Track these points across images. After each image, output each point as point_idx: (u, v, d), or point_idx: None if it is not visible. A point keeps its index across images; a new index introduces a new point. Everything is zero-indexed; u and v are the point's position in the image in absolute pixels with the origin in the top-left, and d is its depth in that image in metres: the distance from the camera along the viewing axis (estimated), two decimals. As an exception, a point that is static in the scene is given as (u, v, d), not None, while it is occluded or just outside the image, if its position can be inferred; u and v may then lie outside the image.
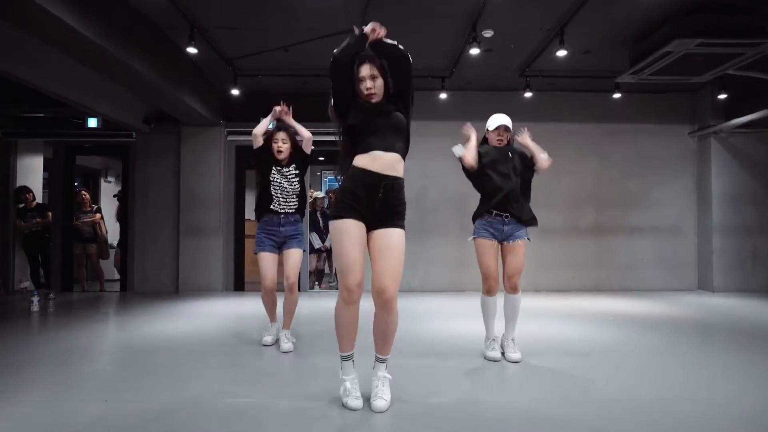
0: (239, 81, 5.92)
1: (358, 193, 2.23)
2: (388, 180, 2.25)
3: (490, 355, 3.19)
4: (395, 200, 2.29)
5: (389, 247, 2.25)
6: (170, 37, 4.89)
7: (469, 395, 2.55)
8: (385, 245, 2.25)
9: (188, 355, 3.32)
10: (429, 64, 5.75)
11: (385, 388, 2.31)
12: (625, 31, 4.72)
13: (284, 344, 3.41)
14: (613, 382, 2.78)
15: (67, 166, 6.93)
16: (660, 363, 3.19)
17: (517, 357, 3.14)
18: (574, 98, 6.76)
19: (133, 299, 6.03)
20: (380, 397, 2.26)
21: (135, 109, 6.24)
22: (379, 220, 2.27)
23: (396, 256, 2.24)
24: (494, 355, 3.17)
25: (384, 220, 2.27)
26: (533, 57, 5.42)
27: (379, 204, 2.25)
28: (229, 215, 6.81)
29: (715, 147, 6.59)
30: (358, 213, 2.24)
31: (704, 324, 4.63)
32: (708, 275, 6.62)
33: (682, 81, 5.18)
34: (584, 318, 4.76)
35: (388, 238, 2.26)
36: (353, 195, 2.24)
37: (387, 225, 2.27)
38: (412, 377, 2.77)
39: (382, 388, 2.30)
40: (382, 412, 2.22)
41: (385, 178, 2.24)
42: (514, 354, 3.15)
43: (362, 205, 2.24)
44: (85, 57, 4.09)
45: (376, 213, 2.26)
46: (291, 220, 3.49)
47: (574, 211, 6.86)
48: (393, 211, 2.29)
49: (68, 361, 3.21)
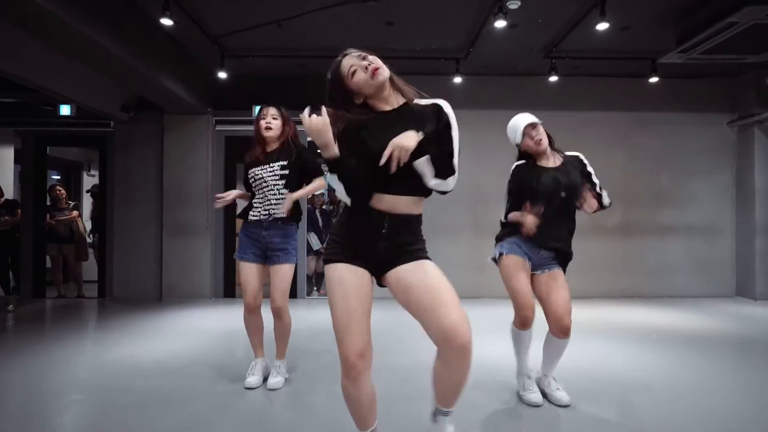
0: (227, 63, 5.24)
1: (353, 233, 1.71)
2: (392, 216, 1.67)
3: (530, 398, 2.54)
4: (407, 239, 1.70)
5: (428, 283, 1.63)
6: (143, 8, 4.21)
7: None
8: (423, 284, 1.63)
9: (165, 389, 2.68)
10: (443, 45, 5.08)
11: None
12: (672, 3, 4.03)
13: (272, 379, 2.77)
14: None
15: (38, 158, 6.26)
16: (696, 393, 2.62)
17: (567, 399, 2.50)
18: (600, 84, 6.11)
19: (111, 309, 5.40)
20: None
21: (111, 96, 5.57)
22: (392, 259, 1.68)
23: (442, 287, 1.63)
24: (536, 399, 2.52)
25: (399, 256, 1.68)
26: (564, 33, 4.73)
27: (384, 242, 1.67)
28: (218, 213, 6.14)
29: (759, 138, 5.94)
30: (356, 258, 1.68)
31: (745, 339, 4.09)
32: (749, 280, 6.00)
33: (736, 60, 4.51)
34: (619, 334, 4.16)
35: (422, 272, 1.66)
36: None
37: (411, 259, 1.67)
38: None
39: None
40: None
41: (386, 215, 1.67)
42: (560, 393, 2.52)
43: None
44: (37, 27, 3.41)
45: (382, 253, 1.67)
46: (278, 224, 2.74)
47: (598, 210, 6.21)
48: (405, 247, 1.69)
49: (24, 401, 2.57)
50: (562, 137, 6.26)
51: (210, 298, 5.96)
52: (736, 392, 2.73)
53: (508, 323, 2.63)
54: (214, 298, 6.00)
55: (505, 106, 5.91)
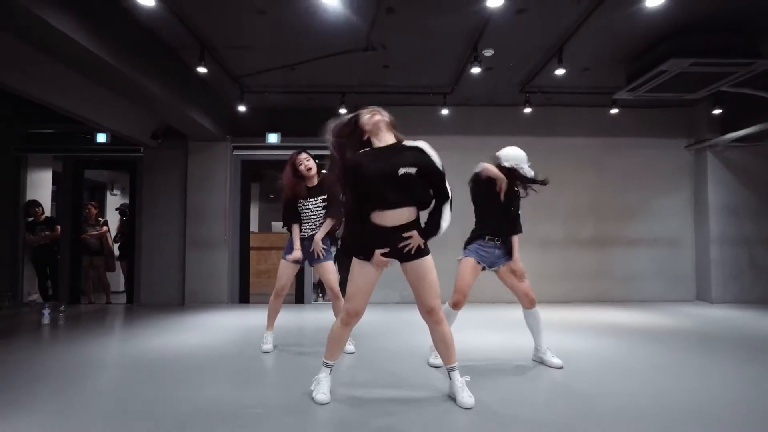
0: (246, 98, 6.06)
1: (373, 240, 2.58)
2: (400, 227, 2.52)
3: (433, 362, 3.37)
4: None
5: (423, 276, 2.54)
6: (181, 57, 5.04)
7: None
8: (420, 274, 2.54)
9: (197, 366, 3.41)
10: (431, 82, 5.90)
11: (465, 388, 2.59)
12: (622, 50, 4.87)
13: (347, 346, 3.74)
14: (614, 392, 2.87)
15: (76, 180, 7.06)
16: (660, 373, 3.27)
17: (559, 363, 3.35)
18: (573, 113, 6.91)
19: (140, 312, 6.12)
20: (465, 394, 2.56)
21: (143, 125, 6.38)
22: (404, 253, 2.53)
23: (432, 280, 2.55)
24: (436, 362, 3.34)
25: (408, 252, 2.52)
26: (533, 74, 5.57)
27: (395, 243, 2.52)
28: (235, 228, 6.92)
29: (712, 160, 6.73)
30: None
31: (703, 335, 4.69)
32: (706, 286, 6.72)
33: (677, 97, 5.31)
34: (586, 330, 4.84)
35: (420, 267, 2.54)
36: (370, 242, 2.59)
37: (415, 256, 2.53)
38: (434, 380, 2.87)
39: (463, 390, 2.58)
40: (471, 407, 2.52)
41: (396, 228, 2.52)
42: (556, 360, 3.38)
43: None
44: (101, 77, 4.22)
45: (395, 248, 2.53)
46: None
47: (574, 223, 6.97)
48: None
49: (80, 373, 3.30)
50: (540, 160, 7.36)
51: (227, 303, 6.70)
52: (695, 378, 3.17)
53: (494, 323, 3.38)
54: (230, 303, 6.73)
55: (489, 132, 6.78)
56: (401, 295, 6.59)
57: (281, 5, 3.99)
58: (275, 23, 4.33)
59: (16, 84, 4.26)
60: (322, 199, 3.71)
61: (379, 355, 3.74)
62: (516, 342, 4.09)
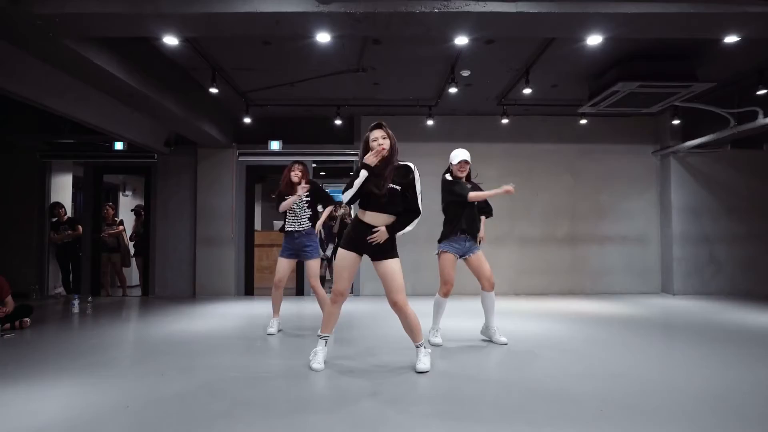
0: (250, 110, 6.72)
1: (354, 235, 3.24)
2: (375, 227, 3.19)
3: (434, 341, 4.00)
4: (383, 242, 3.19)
5: (389, 274, 3.18)
6: (194, 77, 5.70)
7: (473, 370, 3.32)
8: (387, 273, 3.18)
9: (211, 345, 4.09)
10: (417, 96, 6.55)
11: (426, 358, 3.24)
12: (581, 73, 5.52)
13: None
14: (585, 367, 3.53)
15: (96, 184, 7.73)
16: (624, 353, 3.82)
17: (505, 340, 4.03)
18: (548, 122, 7.55)
19: (156, 303, 6.79)
20: (421, 362, 3.20)
21: (157, 135, 7.04)
22: (379, 252, 3.19)
23: (396, 279, 3.17)
24: (437, 341, 4.00)
25: (383, 253, 3.19)
26: (507, 90, 6.22)
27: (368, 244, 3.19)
28: (240, 227, 7.59)
29: (675, 165, 7.37)
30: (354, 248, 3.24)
31: (663, 322, 5.24)
32: (669, 280, 7.38)
33: (635, 111, 5.95)
34: (559, 317, 5.43)
35: (388, 268, 3.18)
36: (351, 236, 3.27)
37: (387, 257, 3.20)
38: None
39: (423, 357, 3.23)
40: (424, 371, 3.18)
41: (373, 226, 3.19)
42: (503, 338, 4.05)
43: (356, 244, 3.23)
44: (127, 98, 4.90)
45: (370, 248, 3.19)
46: (303, 233, 4.44)
47: (550, 223, 7.62)
48: (382, 249, 3.20)
49: (116, 349, 3.99)
50: (519, 165, 8.05)
51: (234, 295, 7.37)
52: (657, 359, 3.65)
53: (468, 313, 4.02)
54: (237, 296, 7.41)
55: (472, 140, 7.44)
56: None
57: (283, 40, 4.64)
58: (278, 51, 4.98)
59: (46, 102, 4.85)
60: (306, 202, 4.47)
61: (366, 334, 4.42)
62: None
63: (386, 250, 3.19)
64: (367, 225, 3.18)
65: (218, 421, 2.41)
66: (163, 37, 3.82)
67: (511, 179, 7.69)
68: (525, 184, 7.55)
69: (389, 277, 3.16)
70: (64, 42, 3.62)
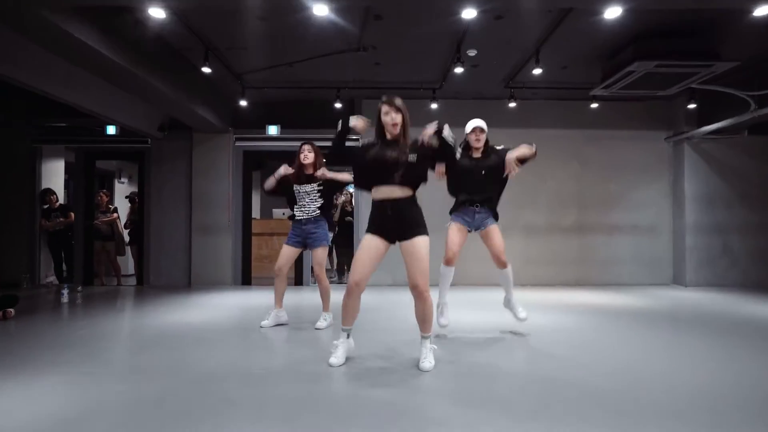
0: (247, 93, 6.44)
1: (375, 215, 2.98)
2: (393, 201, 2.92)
3: (441, 322, 3.78)
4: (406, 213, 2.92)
5: (413, 254, 2.89)
6: (187, 57, 5.43)
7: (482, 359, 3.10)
8: (410, 252, 2.89)
9: (205, 338, 3.87)
10: (420, 78, 6.26)
11: (431, 355, 3.00)
12: (594, 52, 5.22)
13: (319, 323, 4.17)
14: (571, 362, 3.31)
15: (88, 169, 7.49)
16: (635, 346, 3.65)
17: (525, 315, 3.89)
18: (556, 107, 7.26)
19: (150, 292, 6.58)
20: (427, 360, 2.97)
21: (151, 118, 6.78)
22: (400, 233, 2.90)
23: (420, 259, 2.88)
24: (444, 322, 3.79)
25: (404, 232, 2.89)
26: (515, 72, 5.93)
27: (391, 220, 2.92)
28: (237, 214, 7.36)
29: (688, 152, 7.09)
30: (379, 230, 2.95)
31: (674, 314, 5.04)
32: (681, 271, 7.14)
33: (650, 94, 5.67)
34: (566, 309, 5.22)
35: (411, 247, 2.89)
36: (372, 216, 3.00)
37: (408, 236, 2.90)
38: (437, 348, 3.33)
39: (428, 354, 3.00)
40: (428, 371, 2.92)
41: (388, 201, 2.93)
42: (523, 313, 3.90)
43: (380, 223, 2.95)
44: (116, 78, 4.65)
45: (392, 228, 2.92)
46: (312, 220, 4.18)
47: (557, 211, 7.37)
48: (407, 224, 2.92)
49: (104, 341, 3.77)
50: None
51: (231, 285, 7.16)
52: (667, 353, 3.47)
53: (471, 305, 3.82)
54: (234, 285, 7.20)
55: (477, 125, 7.12)
56: (393, 278, 7.04)
57: (280, 14, 4.36)
58: (274, 28, 4.70)
59: (36, 83, 4.64)
60: (318, 184, 4.18)
61: (366, 327, 4.19)
62: (491, 319, 4.54)
63: (413, 226, 2.91)
64: (381, 201, 2.94)
65: (205, 422, 2.20)
66: (147, 8, 3.55)
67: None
68: (531, 172, 7.23)
69: (414, 256, 2.88)
70: (42, 13, 3.36)
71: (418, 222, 2.93)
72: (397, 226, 2.93)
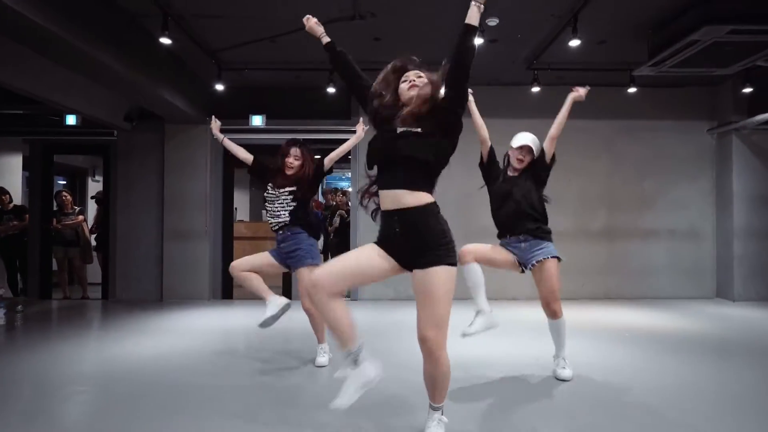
0: (224, 75, 5.51)
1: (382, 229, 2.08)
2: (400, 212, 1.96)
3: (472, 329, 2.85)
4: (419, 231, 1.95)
5: (425, 292, 1.94)
6: (144, 27, 4.48)
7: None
8: (422, 289, 1.94)
9: (170, 385, 2.93)
10: (428, 58, 5.28)
11: (440, 429, 2.07)
12: (645, 18, 4.27)
13: (319, 358, 3.35)
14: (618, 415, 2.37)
15: (45, 165, 6.55)
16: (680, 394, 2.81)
17: (568, 374, 2.97)
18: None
19: (115, 309, 5.66)
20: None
21: (114, 107, 5.84)
22: (413, 258, 1.97)
23: (435, 301, 1.92)
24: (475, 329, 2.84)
25: (416, 258, 1.95)
26: (542, 48, 4.98)
27: (400, 240, 1.97)
28: (217, 218, 6.43)
29: (737, 145, 6.15)
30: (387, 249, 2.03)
31: (725, 340, 4.23)
32: (728, 283, 6.21)
33: (706, 73, 4.74)
34: (603, 334, 4.37)
35: (423, 282, 1.94)
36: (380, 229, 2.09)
37: (421, 264, 1.94)
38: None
39: (435, 428, 2.07)
40: None
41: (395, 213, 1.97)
42: (566, 372, 2.99)
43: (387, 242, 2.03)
44: (57, 55, 3.72)
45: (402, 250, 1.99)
46: (288, 234, 3.27)
47: (584, 213, 6.44)
48: (421, 246, 1.94)
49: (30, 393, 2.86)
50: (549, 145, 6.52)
51: (208, 299, 6.22)
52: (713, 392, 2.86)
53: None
54: (212, 300, 6.26)
55: (492, 115, 6.09)
56: (395, 291, 6.10)
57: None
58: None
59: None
60: (289, 191, 3.28)
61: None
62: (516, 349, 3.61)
63: (424, 251, 1.93)
64: (388, 213, 2.00)
65: None
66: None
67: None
68: (554, 168, 6.34)
69: (426, 295, 1.92)
70: None
71: (437, 246, 1.94)
72: (407, 248, 1.97)
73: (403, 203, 1.94)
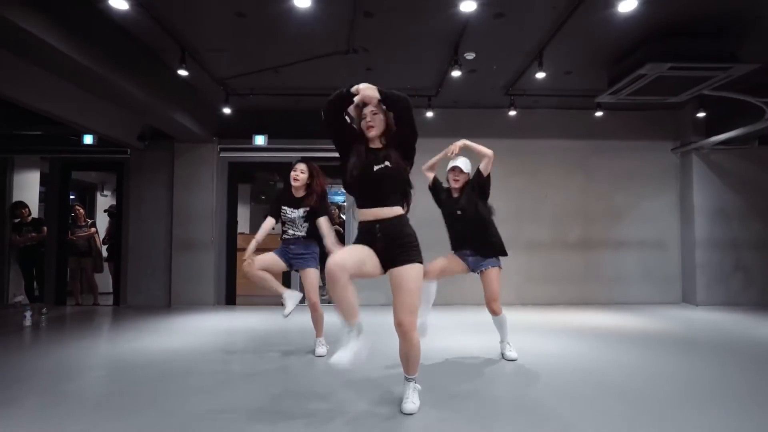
0: (231, 100, 6.06)
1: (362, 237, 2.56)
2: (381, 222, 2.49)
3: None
4: (397, 236, 2.49)
5: (400, 284, 2.45)
6: (163, 59, 5.04)
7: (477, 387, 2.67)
8: (397, 283, 2.46)
9: (182, 372, 3.42)
10: (415, 84, 5.90)
11: (414, 395, 2.63)
12: (602, 54, 4.87)
13: (318, 349, 3.81)
14: (599, 392, 2.88)
15: (63, 181, 7.05)
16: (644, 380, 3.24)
17: (514, 355, 3.59)
18: (559, 115, 6.91)
19: (126, 314, 6.12)
20: (410, 401, 2.60)
21: (129, 127, 6.38)
22: (389, 258, 2.48)
23: (408, 292, 2.43)
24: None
25: (393, 258, 2.47)
26: (516, 77, 5.57)
27: (379, 244, 2.49)
28: (222, 230, 6.93)
29: (697, 163, 6.73)
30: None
31: (689, 339, 4.61)
32: (692, 289, 6.73)
33: (659, 101, 5.32)
34: (569, 332, 4.84)
35: (398, 277, 2.45)
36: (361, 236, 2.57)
37: (397, 263, 2.46)
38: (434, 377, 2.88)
39: (412, 394, 2.62)
40: (412, 413, 2.56)
41: (377, 222, 2.50)
42: (512, 353, 3.61)
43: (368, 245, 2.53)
44: (76, 78, 4.22)
45: (380, 251, 2.50)
46: (300, 240, 3.79)
47: (560, 226, 6.97)
48: (397, 247, 2.47)
49: (58, 377, 3.31)
50: (526, 162, 7.38)
51: (213, 305, 6.70)
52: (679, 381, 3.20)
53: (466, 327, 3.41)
54: (217, 305, 6.73)
55: (475, 135, 6.70)
56: (387, 297, 6.58)
57: (259, 7, 3.99)
58: (255, 26, 4.33)
59: (1, 89, 4.24)
60: (304, 210, 3.76)
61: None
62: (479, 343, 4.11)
63: (399, 252, 2.46)
64: (369, 223, 2.52)
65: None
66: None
67: (517, 179, 7.01)
68: (533, 184, 6.92)
69: (401, 288, 2.43)
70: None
71: (410, 247, 2.49)
72: (385, 250, 2.50)
73: (382, 215, 2.49)
